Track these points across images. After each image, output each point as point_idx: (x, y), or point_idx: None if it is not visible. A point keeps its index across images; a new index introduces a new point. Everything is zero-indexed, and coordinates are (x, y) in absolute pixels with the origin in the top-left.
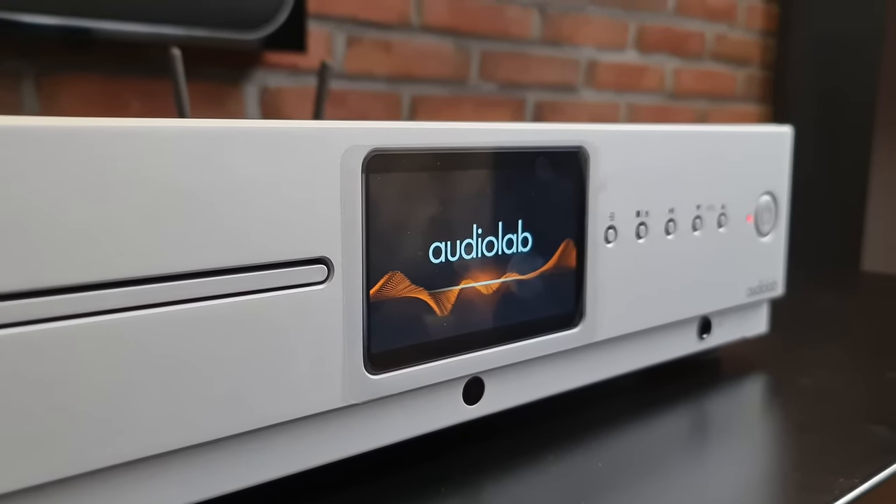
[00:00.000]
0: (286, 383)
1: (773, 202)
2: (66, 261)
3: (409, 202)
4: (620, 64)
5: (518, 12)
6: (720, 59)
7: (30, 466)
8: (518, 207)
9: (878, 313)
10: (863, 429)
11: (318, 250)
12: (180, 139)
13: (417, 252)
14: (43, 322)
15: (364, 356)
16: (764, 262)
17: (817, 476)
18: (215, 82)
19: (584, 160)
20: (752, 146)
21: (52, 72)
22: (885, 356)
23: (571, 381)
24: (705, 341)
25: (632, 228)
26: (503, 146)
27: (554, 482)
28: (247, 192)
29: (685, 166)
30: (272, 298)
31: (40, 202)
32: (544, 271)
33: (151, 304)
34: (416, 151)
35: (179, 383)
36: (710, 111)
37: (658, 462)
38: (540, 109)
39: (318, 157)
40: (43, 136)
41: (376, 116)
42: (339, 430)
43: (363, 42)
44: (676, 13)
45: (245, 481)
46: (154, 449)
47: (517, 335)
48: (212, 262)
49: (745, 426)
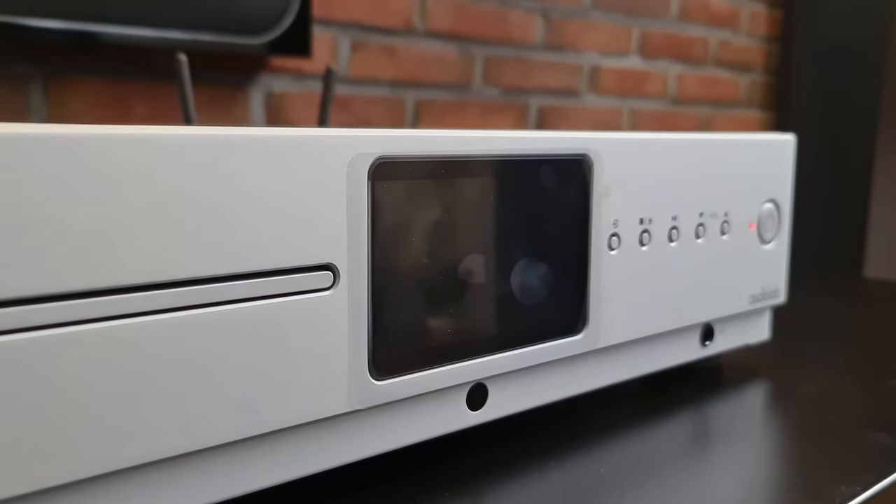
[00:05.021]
0: (292, 388)
1: (775, 210)
2: (76, 267)
3: (414, 209)
4: (624, 69)
5: (521, 18)
6: (723, 65)
7: (41, 469)
8: (522, 214)
9: (880, 320)
10: (865, 436)
11: (325, 257)
12: (188, 146)
13: (422, 259)
14: (52, 327)
15: (369, 362)
16: (766, 270)
17: (819, 483)
18: (221, 87)
19: (588, 168)
20: (754, 154)
21: (59, 76)
22: (887, 363)
23: (574, 388)
24: (708, 348)
25: (635, 235)
26: (508, 154)
27: (556, 487)
28: (254, 199)
29: (688, 174)
30: (278, 304)
31: (51, 209)
32: (548, 278)
33: (159, 310)
34: (422, 159)
35: (187, 388)
36: (714, 117)
37: (660, 468)
38: (543, 115)
39: (324, 164)
40: (54, 144)
41: (380, 121)
42: (345, 435)
43: (368, 47)
44: (680, 19)
45: (251, 485)
46: (162, 453)
47: (521, 342)
48: (219, 268)
49: (746, 433)
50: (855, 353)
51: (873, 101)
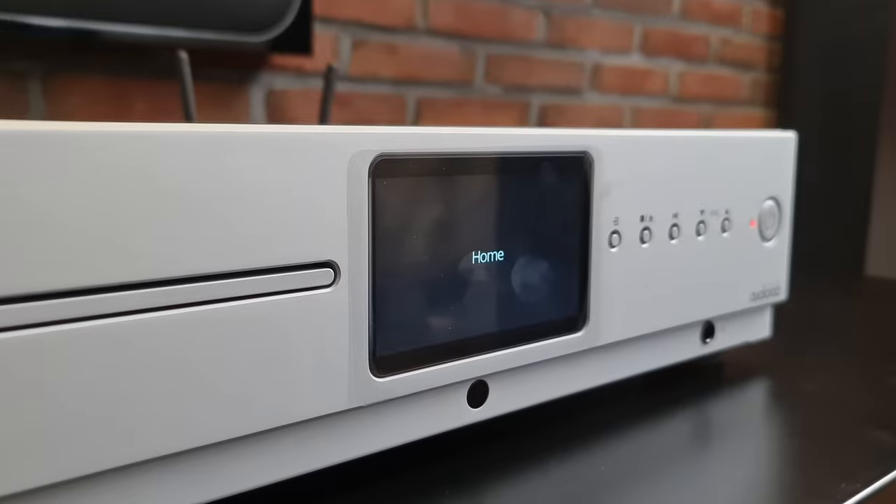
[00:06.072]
0: (292, 385)
1: (776, 207)
2: (75, 264)
3: (415, 206)
4: (625, 67)
5: (523, 15)
6: (725, 62)
7: (39, 467)
8: (523, 212)
9: (881, 318)
10: (865, 434)
11: (325, 254)
12: (189, 144)
13: (423, 256)
14: (50, 325)
15: (370, 359)
16: (767, 267)
17: (820, 480)
18: (221, 84)
19: (589, 165)
20: (755, 152)
21: (58, 73)
22: (888, 361)
23: (575, 385)
24: (708, 346)
25: (636, 233)
26: (508, 151)
27: (556, 485)
28: (254, 197)
29: (689, 171)
30: (279, 301)
31: (49, 206)
32: (548, 275)
33: (160, 308)
34: (422, 156)
35: (187, 385)
36: (715, 115)
37: (661, 466)
38: (544, 112)
39: (325, 161)
40: (52, 141)
41: (381, 119)
42: (345, 433)
43: (369, 45)
44: (681, 17)
45: (252, 483)
46: (161, 450)
47: (521, 339)
48: (219, 265)
49: (747, 430)
50: (856, 351)
51: (875, 98)
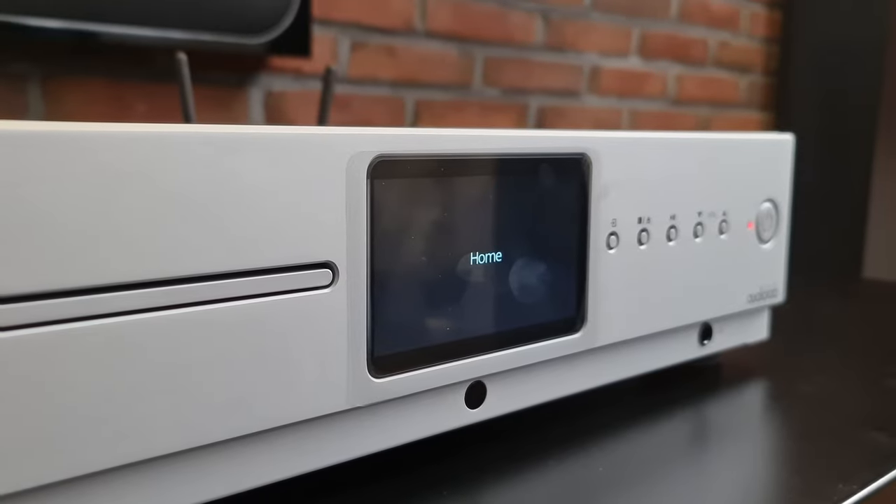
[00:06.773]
0: (291, 386)
1: (774, 209)
2: (75, 264)
3: (413, 208)
4: (623, 70)
5: (522, 18)
6: (723, 65)
7: (37, 466)
8: (521, 213)
9: (878, 320)
10: (862, 435)
11: (324, 255)
12: (187, 145)
13: (421, 257)
14: (49, 325)
15: (368, 359)
16: (765, 269)
17: (817, 482)
18: (220, 86)
19: (587, 167)
20: (753, 154)
21: (58, 74)
22: (885, 363)
23: (573, 386)
24: (706, 347)
25: (633, 235)
26: (506, 153)
27: (555, 486)
28: (253, 197)
29: (687, 173)
30: (278, 302)
31: (50, 206)
32: (546, 276)
33: (158, 308)
34: (421, 158)
35: (186, 385)
36: (713, 118)
37: (658, 467)
38: (543, 115)
39: (323, 163)
40: (52, 141)
41: (380, 121)
42: (343, 433)
43: (367, 47)
44: (679, 20)
45: (250, 483)
46: (159, 450)
47: (519, 340)
48: (218, 266)
49: (745, 432)
50: (853, 353)
51: (872, 100)
